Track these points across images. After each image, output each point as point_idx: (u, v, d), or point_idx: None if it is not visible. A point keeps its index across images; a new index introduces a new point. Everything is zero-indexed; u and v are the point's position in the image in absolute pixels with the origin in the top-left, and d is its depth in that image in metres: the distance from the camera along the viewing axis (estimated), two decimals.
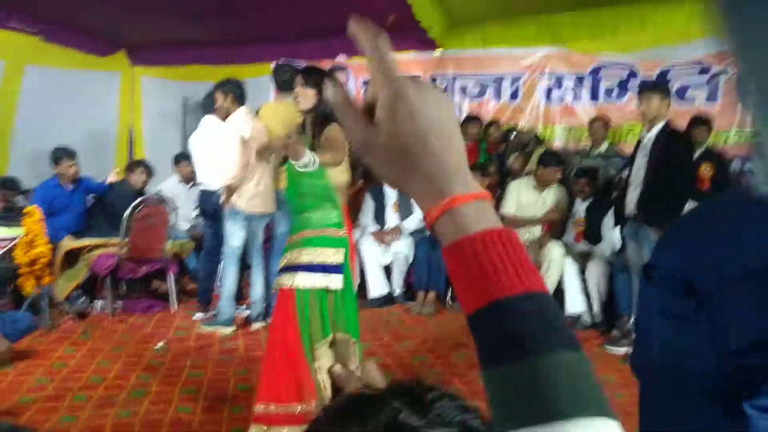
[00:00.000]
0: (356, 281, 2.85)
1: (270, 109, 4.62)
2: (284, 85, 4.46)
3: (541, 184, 5.03)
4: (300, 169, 2.51)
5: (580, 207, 4.97)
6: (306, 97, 2.62)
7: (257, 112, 4.57)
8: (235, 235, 4.31)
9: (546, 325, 0.42)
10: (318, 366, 2.40)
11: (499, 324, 0.42)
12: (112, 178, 5.42)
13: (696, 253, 0.65)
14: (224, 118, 4.37)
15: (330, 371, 0.90)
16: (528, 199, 5.09)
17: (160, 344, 3.96)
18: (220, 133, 4.33)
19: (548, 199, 5.06)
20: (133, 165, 5.53)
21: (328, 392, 0.90)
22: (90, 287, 4.73)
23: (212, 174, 4.42)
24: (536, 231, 5.08)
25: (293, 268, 2.54)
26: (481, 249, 0.44)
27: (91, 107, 7.41)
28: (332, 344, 2.46)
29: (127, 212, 4.56)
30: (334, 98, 0.51)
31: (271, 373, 2.54)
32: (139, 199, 4.73)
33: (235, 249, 4.34)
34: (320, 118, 2.63)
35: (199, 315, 4.62)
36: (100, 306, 4.69)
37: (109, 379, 3.34)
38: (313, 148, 2.55)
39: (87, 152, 6.75)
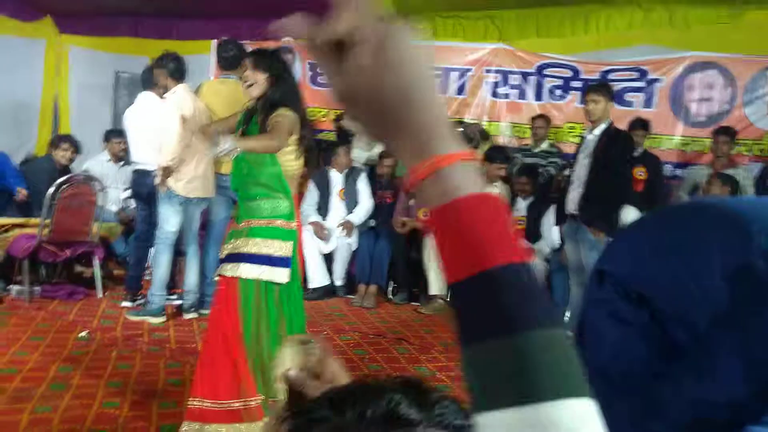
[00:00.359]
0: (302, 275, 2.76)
1: (212, 88, 4.42)
2: (228, 63, 4.28)
3: (486, 180, 5.06)
4: (221, 157, 2.41)
5: (521, 205, 5.05)
6: (257, 81, 2.49)
7: (197, 90, 4.36)
8: (170, 220, 4.09)
9: (530, 299, 0.40)
10: (277, 367, 2.29)
11: (487, 296, 0.40)
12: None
13: (647, 265, 0.64)
14: (162, 95, 4.14)
15: (286, 376, 0.87)
16: None
17: (84, 333, 3.72)
18: (158, 111, 4.09)
19: None
20: (58, 140, 5.18)
21: (281, 394, 0.86)
22: (6, 270, 4.38)
23: (148, 153, 4.18)
24: None
25: (237, 257, 2.42)
26: (465, 216, 0.42)
27: (13, 76, 6.89)
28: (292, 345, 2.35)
29: (51, 191, 4.25)
30: (313, 36, 0.45)
31: (208, 367, 2.42)
32: (63, 177, 4.41)
33: (169, 234, 4.12)
34: (269, 102, 2.50)
35: (126, 303, 4.38)
36: (16, 291, 4.35)
37: (26, 371, 3.10)
38: (260, 133, 2.44)
39: (7, 124, 6.29)
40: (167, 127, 3.91)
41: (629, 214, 4.49)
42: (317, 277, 5.03)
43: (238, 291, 2.40)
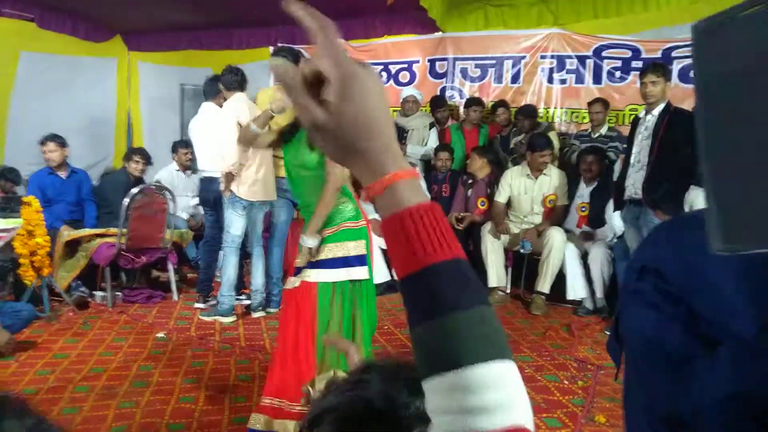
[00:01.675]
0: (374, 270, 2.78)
1: (266, 94, 4.56)
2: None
3: (534, 170, 4.98)
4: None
5: (585, 191, 4.93)
6: None
7: (255, 98, 4.52)
8: (235, 224, 4.27)
9: (464, 286, 0.49)
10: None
11: (427, 287, 0.49)
12: None
13: (688, 268, 0.67)
14: (222, 104, 4.38)
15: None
16: (521, 187, 5.04)
17: (161, 334, 3.95)
18: (219, 120, 4.29)
19: (544, 185, 5.01)
20: (131, 153, 5.48)
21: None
22: (90, 277, 4.70)
23: (212, 161, 4.39)
24: (536, 218, 5.04)
25: (314, 264, 2.47)
26: (411, 223, 0.50)
27: (88, 94, 7.35)
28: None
29: (126, 201, 4.53)
30: (284, 76, 0.51)
31: (280, 369, 2.48)
32: (137, 188, 4.69)
33: (235, 238, 4.31)
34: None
35: (199, 305, 4.60)
36: (100, 296, 4.66)
37: (111, 370, 3.34)
38: (309, 143, 2.46)
39: (86, 141, 6.72)
40: (226, 135, 4.09)
41: (698, 196, 4.31)
42: (378, 274, 5.10)
43: (316, 295, 2.44)
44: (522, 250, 4.91)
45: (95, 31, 7.41)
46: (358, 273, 2.47)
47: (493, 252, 4.96)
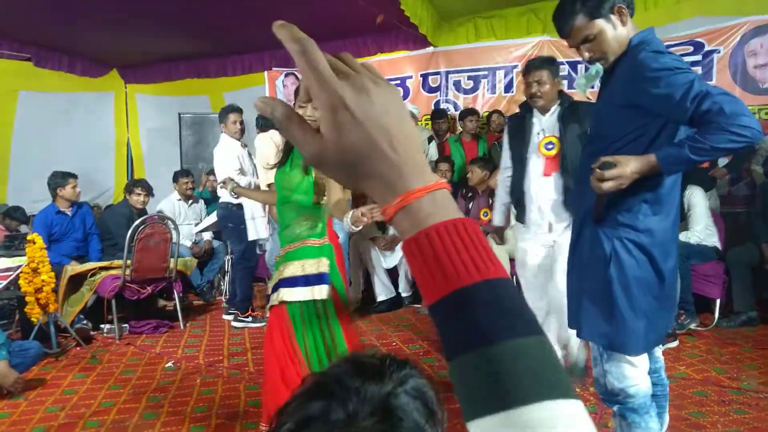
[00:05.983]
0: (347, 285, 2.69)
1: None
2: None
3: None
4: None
5: None
6: (317, 119, 2.43)
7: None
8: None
9: (504, 312, 0.43)
10: None
11: (459, 314, 0.43)
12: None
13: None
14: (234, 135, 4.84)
15: None
16: None
17: (170, 364, 3.95)
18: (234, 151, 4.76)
19: None
20: (132, 185, 5.52)
21: None
22: (97, 311, 4.71)
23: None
24: None
25: (278, 284, 2.45)
26: (436, 241, 0.44)
27: (87, 128, 7.44)
28: None
29: (129, 233, 4.55)
30: (274, 113, 0.50)
31: (273, 396, 2.45)
32: (139, 220, 4.71)
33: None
34: None
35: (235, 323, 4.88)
36: (107, 329, 4.67)
37: (120, 403, 3.33)
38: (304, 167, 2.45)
39: (87, 175, 6.78)
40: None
41: (694, 194, 4.31)
42: (383, 291, 5.11)
43: (287, 316, 2.42)
44: None
45: (91, 67, 7.51)
46: (319, 290, 2.41)
47: (500, 259, 4.96)
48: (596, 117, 2.07)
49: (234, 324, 4.87)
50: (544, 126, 3.20)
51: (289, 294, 2.41)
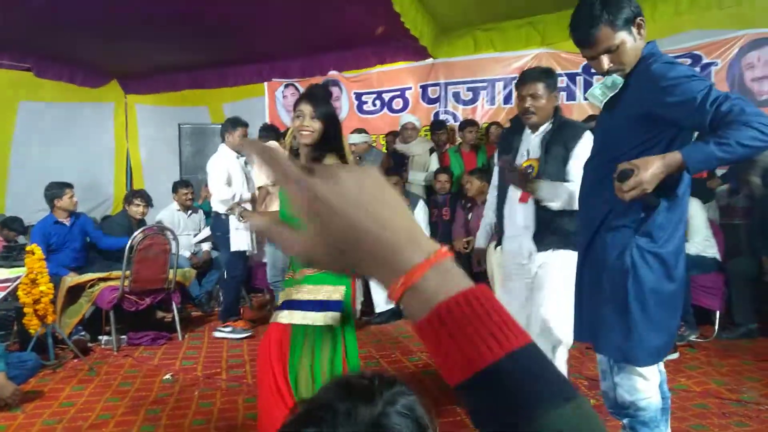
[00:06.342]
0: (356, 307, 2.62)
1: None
2: None
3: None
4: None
5: None
6: (315, 130, 2.36)
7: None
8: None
9: (535, 381, 0.40)
10: None
11: (488, 393, 0.40)
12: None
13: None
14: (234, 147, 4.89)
15: None
16: None
17: (168, 376, 3.92)
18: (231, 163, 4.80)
19: None
20: (132, 195, 5.52)
21: None
22: (95, 322, 4.69)
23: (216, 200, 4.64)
24: None
25: (291, 304, 2.40)
26: (449, 320, 0.41)
27: (87, 139, 7.44)
28: None
29: (128, 244, 4.54)
30: (258, 227, 0.50)
31: (267, 412, 2.41)
32: (139, 231, 4.71)
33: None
34: (318, 151, 2.40)
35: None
36: (104, 341, 4.65)
37: (118, 416, 3.30)
38: None
39: (86, 185, 6.79)
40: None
41: (692, 205, 4.31)
42: (382, 302, 5.09)
43: (289, 337, 2.37)
44: None
45: (92, 77, 7.53)
46: (332, 317, 2.35)
47: (499, 268, 4.94)
48: (604, 128, 2.07)
49: (215, 334, 4.85)
50: (531, 146, 2.82)
51: (301, 317, 2.36)
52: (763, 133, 1.62)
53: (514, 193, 2.81)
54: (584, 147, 2.56)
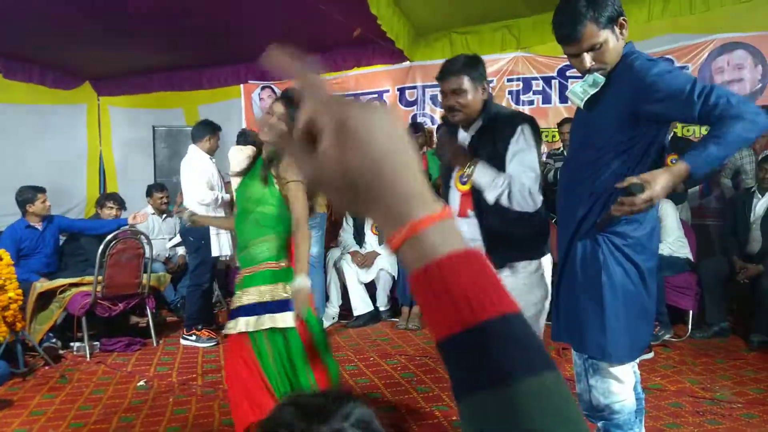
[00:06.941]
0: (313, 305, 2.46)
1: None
2: None
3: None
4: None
5: None
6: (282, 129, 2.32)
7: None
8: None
9: (520, 347, 0.41)
10: None
11: (472, 351, 0.40)
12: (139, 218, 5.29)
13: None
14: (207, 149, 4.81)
15: None
16: None
17: (142, 383, 3.85)
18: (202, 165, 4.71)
19: None
20: (104, 199, 5.42)
21: None
22: (67, 328, 4.59)
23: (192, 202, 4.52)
24: None
25: (236, 311, 2.33)
26: (447, 274, 0.42)
27: (59, 142, 7.29)
28: None
29: (101, 248, 4.45)
30: (272, 136, 0.48)
31: (244, 423, 2.26)
32: (111, 235, 4.62)
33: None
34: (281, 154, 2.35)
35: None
36: (77, 347, 4.55)
37: (90, 424, 3.23)
38: (262, 177, 2.33)
39: (57, 188, 6.64)
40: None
41: (664, 207, 4.37)
42: (360, 305, 5.07)
43: (249, 344, 2.29)
44: None
45: (63, 79, 7.38)
46: (281, 319, 2.26)
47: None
48: (585, 127, 2.06)
49: (181, 341, 4.76)
50: (466, 147, 2.43)
51: (248, 323, 2.29)
52: (755, 122, 1.67)
53: (453, 204, 2.46)
54: (522, 144, 2.28)
